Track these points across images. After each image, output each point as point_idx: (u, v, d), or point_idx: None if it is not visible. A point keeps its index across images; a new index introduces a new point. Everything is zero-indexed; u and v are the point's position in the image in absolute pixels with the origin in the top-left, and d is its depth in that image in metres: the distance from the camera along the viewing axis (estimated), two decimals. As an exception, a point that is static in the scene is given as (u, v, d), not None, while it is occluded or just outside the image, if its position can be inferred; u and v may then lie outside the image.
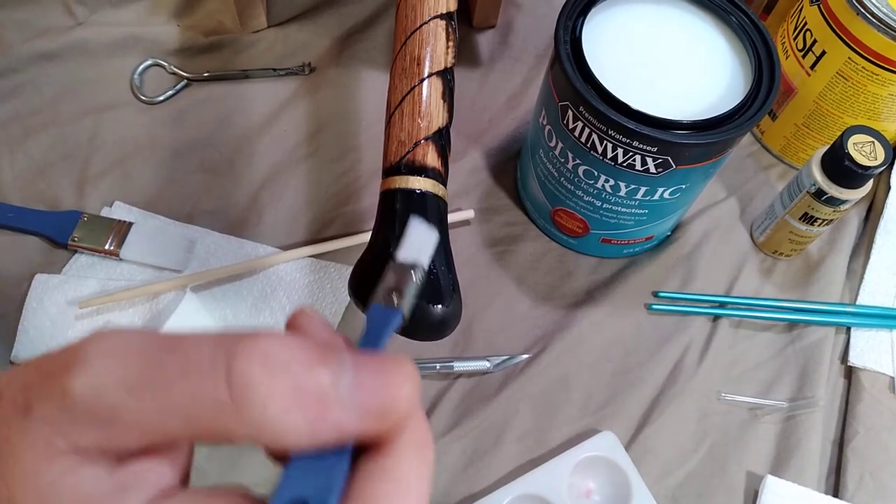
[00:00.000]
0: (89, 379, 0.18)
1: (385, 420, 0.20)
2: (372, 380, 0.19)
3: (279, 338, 0.19)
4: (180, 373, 0.18)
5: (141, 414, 0.18)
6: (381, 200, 0.37)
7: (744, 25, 0.49)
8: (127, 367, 0.19)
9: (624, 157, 0.46)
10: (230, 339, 0.19)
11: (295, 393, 0.18)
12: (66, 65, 0.62)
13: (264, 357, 0.18)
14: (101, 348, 0.19)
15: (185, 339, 0.19)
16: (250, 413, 0.18)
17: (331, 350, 0.19)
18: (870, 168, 0.49)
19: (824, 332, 0.57)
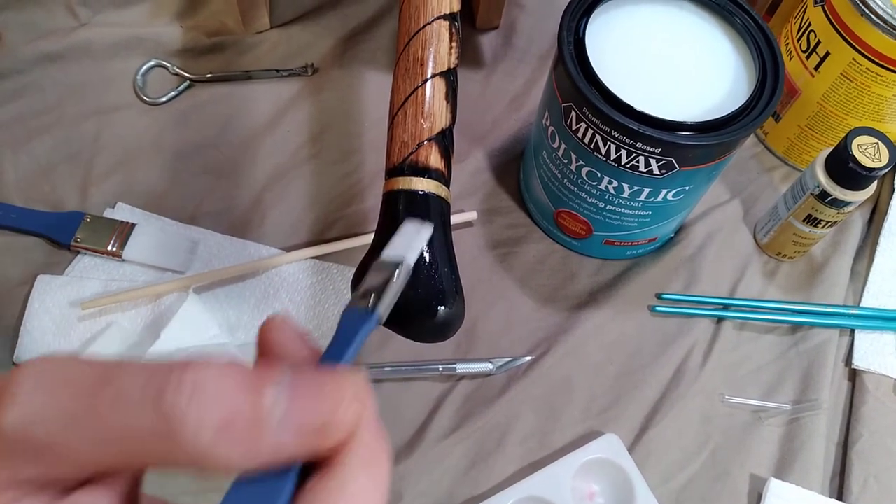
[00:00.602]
0: (20, 412, 0.18)
1: (324, 438, 0.19)
2: (308, 399, 0.19)
3: (211, 367, 0.19)
4: (112, 404, 0.18)
5: (76, 446, 0.18)
6: (383, 202, 0.36)
7: (748, 27, 0.49)
8: (58, 399, 0.19)
9: (627, 159, 0.46)
10: (162, 369, 0.19)
11: (225, 419, 0.18)
12: (70, 66, 0.62)
13: (193, 386, 0.18)
14: (30, 380, 0.19)
15: (117, 370, 0.19)
16: (183, 442, 0.18)
17: (268, 373, 0.19)
18: (874, 170, 0.49)
19: (828, 335, 0.56)
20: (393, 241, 0.26)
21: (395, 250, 0.25)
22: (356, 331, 0.22)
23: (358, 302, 0.23)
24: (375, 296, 0.23)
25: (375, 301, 0.23)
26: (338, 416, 0.19)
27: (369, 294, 0.23)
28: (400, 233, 0.26)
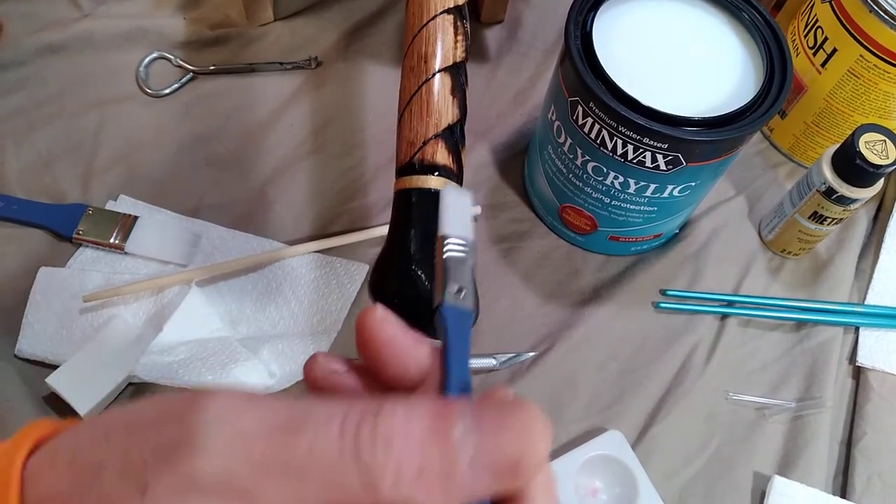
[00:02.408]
0: (215, 460, 0.18)
1: (519, 478, 0.19)
2: (498, 438, 0.19)
3: (398, 410, 0.19)
4: (310, 456, 0.19)
5: (275, 496, 0.18)
6: (393, 201, 0.36)
7: (756, 22, 0.48)
8: (252, 446, 0.19)
9: (634, 154, 0.46)
10: (353, 414, 0.19)
11: (423, 469, 0.18)
12: (72, 57, 0.62)
13: (387, 440, 0.18)
14: (217, 424, 0.19)
15: (309, 415, 0.19)
16: (382, 495, 0.18)
17: (450, 411, 0.19)
18: (881, 167, 0.49)
19: (833, 332, 0.56)
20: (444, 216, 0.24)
21: (456, 228, 0.24)
22: (464, 327, 0.22)
23: (452, 299, 0.23)
24: (466, 290, 0.23)
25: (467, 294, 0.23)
26: (529, 455, 0.19)
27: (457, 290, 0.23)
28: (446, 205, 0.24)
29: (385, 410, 0.19)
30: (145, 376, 0.47)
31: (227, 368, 0.46)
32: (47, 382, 0.46)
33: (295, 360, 0.50)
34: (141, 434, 0.20)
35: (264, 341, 0.50)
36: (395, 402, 0.19)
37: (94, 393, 0.47)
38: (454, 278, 0.23)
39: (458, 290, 0.23)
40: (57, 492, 0.19)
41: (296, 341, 0.51)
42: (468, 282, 0.23)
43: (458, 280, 0.23)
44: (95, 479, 0.19)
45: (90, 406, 0.46)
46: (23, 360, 0.49)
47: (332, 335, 0.52)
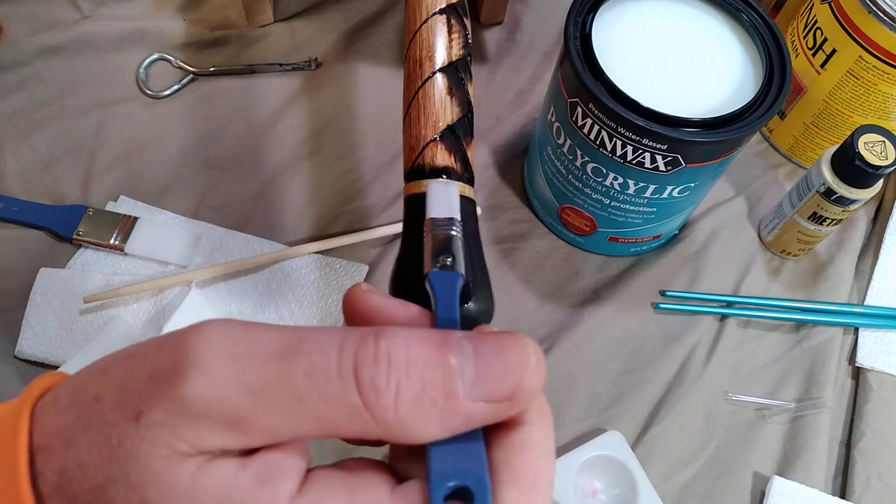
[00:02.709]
0: (207, 384, 0.18)
1: (515, 406, 0.20)
2: (495, 366, 0.19)
3: (398, 336, 0.19)
4: (306, 378, 0.19)
5: (267, 420, 0.19)
6: (403, 207, 0.37)
7: (755, 23, 0.48)
8: (247, 371, 0.19)
9: (633, 155, 0.46)
10: (352, 340, 0.19)
11: (422, 393, 0.19)
12: (72, 59, 0.62)
13: (388, 360, 0.19)
14: (211, 349, 0.19)
15: (304, 339, 0.19)
16: (382, 416, 0.18)
17: (448, 339, 0.19)
18: (881, 167, 0.49)
19: (832, 333, 0.56)
20: (430, 204, 0.26)
21: (439, 210, 0.26)
22: (451, 287, 0.24)
23: (437, 265, 0.24)
24: (451, 256, 0.24)
25: (454, 260, 0.24)
26: (525, 383, 0.20)
27: (438, 256, 0.25)
28: (431, 194, 0.27)
29: (385, 333, 0.19)
30: (145, 377, 0.47)
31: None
32: (47, 383, 0.46)
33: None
34: (136, 365, 0.20)
35: (264, 342, 0.50)
36: (395, 328, 0.19)
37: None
38: (439, 250, 0.24)
39: (444, 259, 0.24)
40: (60, 427, 0.20)
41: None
42: (454, 251, 0.24)
43: (442, 251, 0.25)
44: (94, 411, 0.19)
45: (90, 407, 0.46)
46: (23, 361, 0.49)
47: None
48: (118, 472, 0.18)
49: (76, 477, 0.19)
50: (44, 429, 0.20)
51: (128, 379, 0.19)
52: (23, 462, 0.19)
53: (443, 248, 0.25)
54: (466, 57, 0.40)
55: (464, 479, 0.19)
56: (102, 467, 0.19)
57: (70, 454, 0.19)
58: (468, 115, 0.39)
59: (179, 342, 0.19)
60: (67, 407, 0.20)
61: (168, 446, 0.18)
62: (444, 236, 0.25)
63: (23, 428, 0.20)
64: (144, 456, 0.18)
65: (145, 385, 0.19)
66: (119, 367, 0.20)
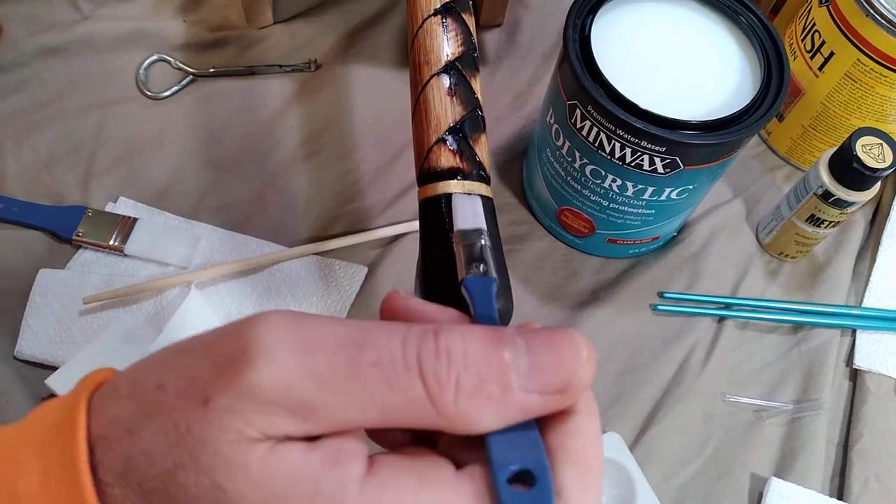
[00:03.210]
0: (276, 371, 0.19)
1: (568, 398, 0.21)
2: (547, 359, 0.20)
3: (455, 333, 0.20)
4: (374, 369, 0.19)
5: (334, 408, 0.19)
6: (419, 212, 0.37)
7: (753, 26, 0.49)
8: (314, 359, 0.19)
9: (632, 157, 0.46)
10: (414, 335, 0.20)
11: (480, 385, 0.19)
12: (72, 59, 0.62)
13: (448, 354, 0.19)
14: (279, 338, 0.19)
15: (368, 333, 0.20)
16: (444, 408, 0.19)
17: (501, 335, 0.20)
18: (878, 170, 0.49)
19: (830, 335, 0.57)
20: (456, 216, 0.28)
21: (466, 221, 0.28)
22: (487, 292, 0.25)
23: (471, 272, 0.26)
24: (483, 263, 0.26)
25: (486, 266, 0.26)
26: (577, 376, 0.21)
27: (471, 264, 0.26)
28: (456, 208, 0.29)
29: (444, 330, 0.20)
30: (145, 378, 0.47)
31: (226, 370, 0.46)
32: (47, 384, 0.46)
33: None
34: (198, 354, 0.20)
35: (263, 343, 0.50)
36: (452, 325, 0.20)
37: (93, 394, 0.47)
38: (471, 259, 0.26)
39: (476, 266, 0.26)
40: (120, 416, 0.20)
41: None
42: (486, 259, 0.26)
43: (475, 259, 0.26)
44: (158, 399, 0.20)
45: (89, 407, 0.46)
46: (22, 362, 0.49)
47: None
48: (187, 458, 0.19)
49: (141, 464, 0.19)
50: (103, 418, 0.20)
51: (191, 367, 0.20)
52: (82, 452, 0.19)
53: (475, 256, 0.26)
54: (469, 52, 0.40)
55: (524, 462, 0.20)
56: (169, 453, 0.19)
57: (133, 442, 0.19)
58: (474, 110, 0.39)
59: (242, 330, 0.20)
60: (128, 396, 0.20)
61: (237, 431, 0.19)
62: (474, 246, 0.27)
63: (81, 419, 0.20)
64: (214, 440, 0.19)
65: (210, 372, 0.19)
66: (180, 357, 0.20)
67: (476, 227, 0.27)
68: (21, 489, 0.19)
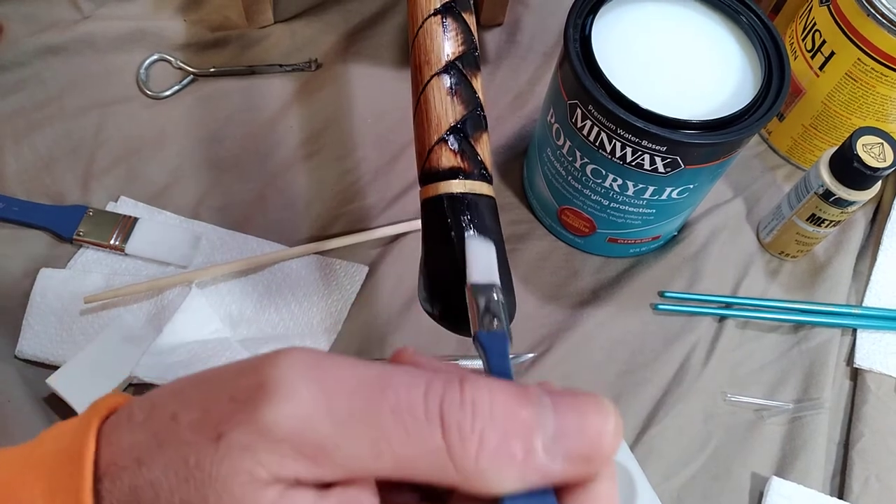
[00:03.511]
0: (292, 411, 0.18)
1: (591, 466, 0.20)
2: (573, 425, 0.19)
3: (482, 384, 0.19)
4: (393, 415, 0.18)
5: (352, 454, 0.18)
6: (421, 211, 0.37)
7: (754, 26, 0.49)
8: (332, 398, 0.18)
9: (632, 157, 0.46)
10: (437, 383, 0.19)
11: (504, 444, 0.18)
12: (72, 59, 0.62)
13: (473, 406, 0.18)
14: (298, 375, 0.19)
15: (391, 376, 0.19)
16: (463, 463, 0.18)
17: (528, 392, 0.19)
18: (879, 170, 0.49)
19: (830, 334, 0.57)
20: (470, 265, 0.29)
21: (481, 275, 0.28)
22: (501, 347, 0.25)
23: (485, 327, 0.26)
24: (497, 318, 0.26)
25: (500, 321, 0.26)
26: (605, 446, 0.20)
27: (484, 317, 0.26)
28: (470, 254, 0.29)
29: (470, 380, 0.19)
30: (145, 377, 0.47)
31: (227, 369, 0.46)
32: (48, 383, 0.46)
33: (295, 361, 0.50)
34: (217, 386, 0.19)
35: (264, 342, 0.50)
36: (477, 377, 0.19)
37: (94, 394, 0.47)
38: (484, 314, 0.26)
39: (490, 321, 0.26)
40: (133, 444, 0.19)
41: (295, 342, 0.51)
42: (499, 314, 0.26)
43: (489, 314, 0.26)
44: (171, 430, 0.19)
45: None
46: (23, 361, 0.49)
47: (332, 336, 0.52)
48: (195, 495, 0.18)
49: (148, 496, 0.19)
50: (114, 445, 0.20)
51: (208, 399, 0.19)
52: (87, 481, 0.19)
53: (487, 311, 0.26)
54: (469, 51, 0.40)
55: None
56: (178, 488, 0.18)
57: (142, 473, 0.19)
58: (475, 110, 0.39)
59: (263, 365, 0.19)
60: (142, 424, 0.20)
61: (248, 472, 0.18)
62: (487, 301, 0.27)
63: (89, 446, 0.19)
64: (224, 479, 0.18)
65: (226, 406, 0.19)
66: (198, 388, 0.20)
67: (490, 283, 0.27)
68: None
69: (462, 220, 0.34)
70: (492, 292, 0.27)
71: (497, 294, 0.27)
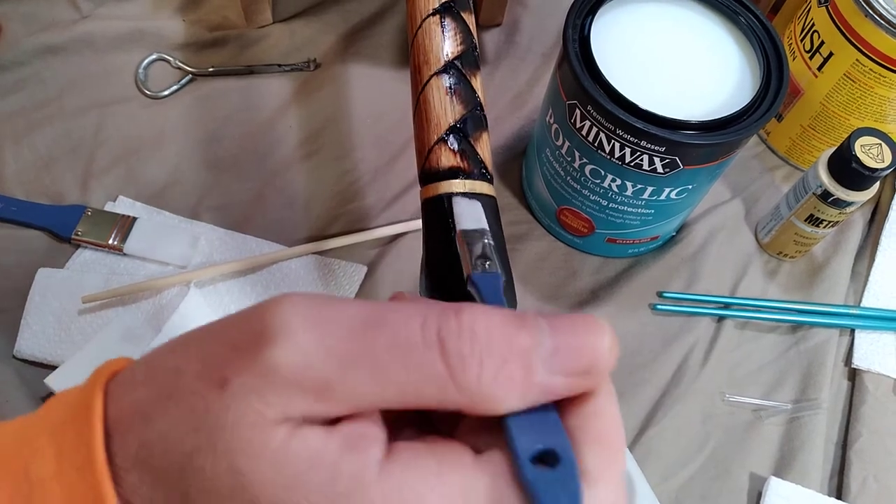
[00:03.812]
0: (295, 350, 0.19)
1: (590, 380, 0.21)
2: (570, 342, 0.20)
3: (478, 312, 0.20)
4: (392, 348, 0.19)
5: (352, 387, 0.19)
6: (422, 211, 0.37)
7: (752, 26, 0.49)
8: (332, 339, 0.19)
9: (631, 157, 0.46)
10: (434, 314, 0.19)
11: (504, 365, 0.19)
12: (71, 58, 0.62)
13: (472, 332, 0.19)
14: (297, 317, 0.19)
15: (386, 313, 0.20)
16: (466, 386, 0.19)
17: (524, 316, 0.20)
18: (877, 170, 0.49)
19: (828, 334, 0.57)
20: (458, 219, 0.29)
21: (469, 223, 0.29)
22: (495, 287, 0.25)
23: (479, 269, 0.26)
24: (489, 260, 0.27)
25: (492, 262, 0.26)
26: (601, 358, 0.21)
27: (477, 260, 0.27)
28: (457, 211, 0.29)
29: (465, 309, 0.20)
30: (144, 377, 0.47)
31: (225, 369, 0.46)
32: (46, 383, 0.46)
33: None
34: (217, 336, 0.20)
35: (263, 342, 0.50)
36: (473, 305, 0.20)
37: (92, 394, 0.47)
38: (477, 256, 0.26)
39: (483, 262, 0.26)
40: (137, 401, 0.20)
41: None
42: (491, 256, 0.26)
43: (480, 256, 0.26)
44: (175, 382, 0.19)
45: (89, 407, 0.46)
46: (21, 361, 0.49)
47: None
48: (205, 441, 0.18)
49: (158, 449, 0.19)
50: (119, 403, 0.20)
51: (210, 350, 0.20)
52: (98, 437, 0.19)
53: (480, 254, 0.27)
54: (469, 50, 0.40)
55: (546, 442, 0.20)
56: (187, 437, 0.19)
57: (150, 427, 0.19)
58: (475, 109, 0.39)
59: (262, 311, 0.19)
60: (144, 382, 0.20)
61: (256, 413, 0.18)
62: (478, 244, 0.27)
63: (97, 405, 0.20)
64: (232, 423, 0.18)
65: (229, 354, 0.19)
66: (198, 341, 0.20)
67: (479, 228, 0.28)
68: (34, 474, 0.19)
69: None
70: (482, 237, 0.27)
71: (487, 238, 0.27)
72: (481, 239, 0.27)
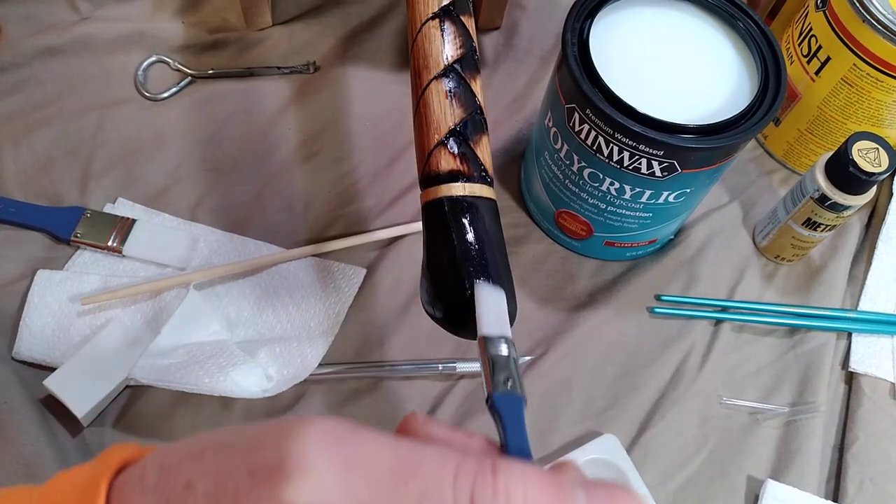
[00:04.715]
0: (313, 492, 0.17)
1: None
2: None
3: (514, 473, 0.18)
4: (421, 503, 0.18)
5: None
6: (422, 214, 0.37)
7: (750, 31, 0.49)
8: (356, 486, 0.17)
9: (630, 161, 0.46)
10: (468, 469, 0.18)
11: None
12: (70, 60, 0.62)
13: (508, 499, 0.18)
14: (319, 451, 0.18)
15: (416, 457, 0.18)
16: None
17: (564, 485, 0.19)
18: (874, 174, 0.50)
19: (825, 338, 0.57)
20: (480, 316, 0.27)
21: (491, 328, 0.27)
22: (518, 412, 0.24)
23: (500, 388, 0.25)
24: (512, 380, 0.25)
25: (514, 382, 0.25)
26: None
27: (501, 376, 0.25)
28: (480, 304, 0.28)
29: (502, 468, 0.18)
30: (143, 379, 0.47)
31: (224, 371, 0.46)
32: (45, 385, 0.46)
33: (292, 363, 0.50)
34: (234, 455, 0.19)
35: (262, 344, 0.51)
36: (510, 461, 0.19)
37: (91, 395, 0.47)
38: (500, 371, 0.25)
39: (506, 381, 0.25)
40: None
41: (293, 344, 0.51)
42: (513, 372, 0.25)
43: (503, 372, 0.25)
44: (185, 499, 0.18)
45: (87, 408, 0.46)
46: (20, 363, 0.49)
47: (330, 338, 0.52)
48: None
49: None
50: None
51: (225, 469, 0.18)
52: None
53: (501, 368, 0.25)
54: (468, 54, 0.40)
55: None
56: None
57: None
58: (475, 113, 0.40)
59: (284, 437, 0.18)
60: (154, 489, 0.19)
61: None
62: (500, 357, 0.25)
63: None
64: None
65: (244, 480, 0.18)
66: (215, 455, 0.19)
67: (501, 335, 0.26)
68: None
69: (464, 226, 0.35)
70: (507, 348, 0.26)
71: (512, 350, 0.26)
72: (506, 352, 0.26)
